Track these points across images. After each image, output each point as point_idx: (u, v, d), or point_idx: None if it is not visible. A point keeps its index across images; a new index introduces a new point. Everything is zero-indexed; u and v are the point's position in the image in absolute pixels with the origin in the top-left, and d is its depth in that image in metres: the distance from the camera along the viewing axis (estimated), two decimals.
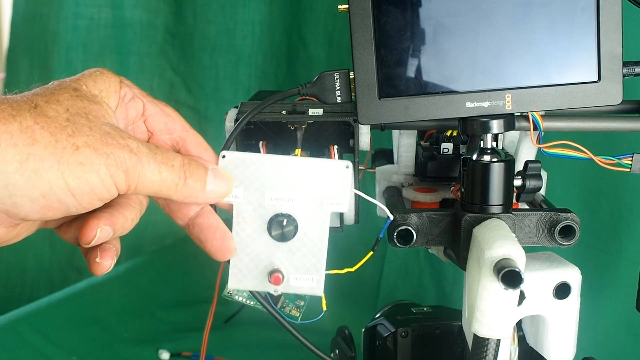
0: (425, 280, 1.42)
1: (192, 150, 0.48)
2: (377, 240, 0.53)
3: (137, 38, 1.65)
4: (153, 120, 0.48)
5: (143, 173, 0.41)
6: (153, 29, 1.65)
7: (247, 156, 0.48)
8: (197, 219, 0.48)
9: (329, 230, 0.62)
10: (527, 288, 0.54)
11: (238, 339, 1.26)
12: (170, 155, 0.43)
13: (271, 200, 0.48)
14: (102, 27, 1.63)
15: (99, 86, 0.44)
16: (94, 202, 0.41)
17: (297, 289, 0.49)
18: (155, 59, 1.68)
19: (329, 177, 0.47)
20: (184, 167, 0.44)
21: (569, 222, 0.54)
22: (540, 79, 0.50)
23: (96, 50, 1.64)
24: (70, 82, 0.43)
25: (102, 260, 0.44)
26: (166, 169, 0.42)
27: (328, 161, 0.48)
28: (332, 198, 0.47)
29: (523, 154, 0.64)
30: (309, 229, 0.48)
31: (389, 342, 0.74)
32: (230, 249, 0.48)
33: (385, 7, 0.49)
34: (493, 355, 0.50)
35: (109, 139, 0.40)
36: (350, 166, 0.47)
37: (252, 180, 0.48)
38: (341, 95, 0.51)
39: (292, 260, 0.48)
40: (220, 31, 1.61)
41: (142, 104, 0.47)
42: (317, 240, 0.48)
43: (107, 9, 1.62)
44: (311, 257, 0.48)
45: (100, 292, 1.44)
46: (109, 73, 0.46)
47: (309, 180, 0.47)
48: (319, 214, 0.48)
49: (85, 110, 0.41)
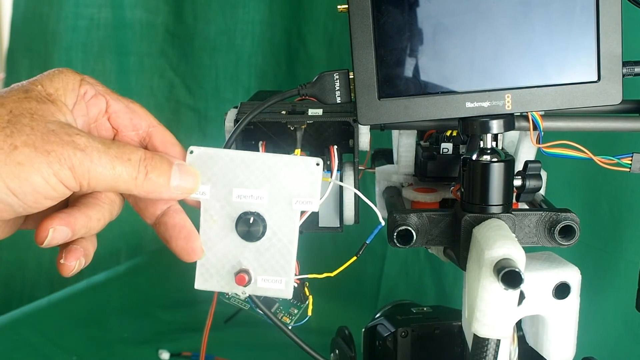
0: (425, 280, 1.42)
1: (158, 146, 0.48)
2: (363, 245, 0.53)
3: (137, 38, 1.65)
4: (117, 117, 0.47)
5: (93, 168, 0.41)
6: (153, 29, 1.65)
7: (215, 152, 0.46)
8: (164, 218, 0.47)
9: (329, 231, 0.62)
10: (526, 288, 0.54)
11: (238, 339, 1.26)
12: (128, 149, 0.43)
13: (239, 198, 0.46)
14: (102, 27, 1.63)
15: (55, 85, 0.44)
16: (41, 201, 0.40)
17: (265, 290, 0.47)
18: (155, 59, 1.67)
19: (299, 174, 0.46)
20: (145, 162, 0.43)
21: (569, 222, 0.54)
22: (540, 79, 0.50)
23: (96, 50, 1.64)
24: (26, 84, 0.43)
25: (65, 261, 0.44)
26: (121, 163, 0.42)
27: (297, 158, 0.46)
28: (301, 197, 0.46)
29: (523, 154, 0.64)
30: (279, 229, 0.46)
31: (389, 342, 0.74)
32: (195, 249, 0.46)
33: (385, 7, 0.49)
34: (493, 355, 0.50)
35: (51, 137, 0.40)
36: (320, 163, 0.46)
37: (219, 177, 0.46)
38: (341, 95, 0.51)
39: (260, 261, 0.47)
40: (220, 31, 1.61)
41: (104, 101, 0.47)
42: (286, 241, 0.46)
43: (107, 9, 1.62)
44: (280, 259, 0.47)
45: (100, 292, 1.44)
46: (69, 72, 0.46)
47: (278, 177, 0.46)
48: (288, 213, 0.46)
49: (31, 110, 0.41)
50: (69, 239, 0.43)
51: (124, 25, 1.64)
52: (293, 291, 0.47)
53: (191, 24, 1.63)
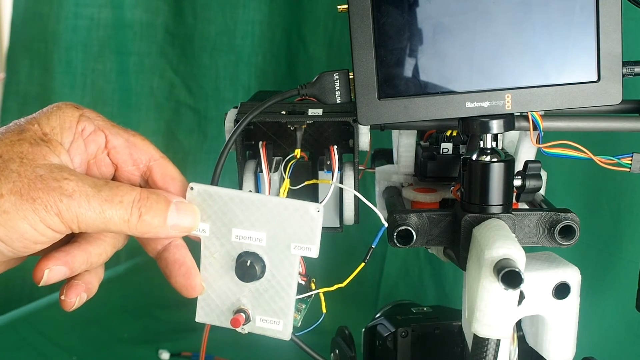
0: (425, 280, 1.42)
1: (158, 181, 0.47)
2: (369, 249, 0.53)
3: (137, 38, 1.65)
4: (117, 153, 0.46)
5: (82, 213, 0.40)
6: (153, 29, 1.65)
7: (215, 190, 0.45)
8: (164, 253, 0.46)
9: (329, 231, 0.62)
10: (526, 288, 0.54)
11: (238, 339, 1.26)
12: (121, 190, 0.42)
13: (238, 238, 0.45)
14: (102, 27, 1.63)
15: (52, 123, 0.43)
16: (30, 246, 0.40)
17: (263, 330, 0.46)
18: (155, 59, 1.67)
19: (298, 219, 0.44)
20: (138, 203, 0.42)
21: (569, 222, 0.54)
22: (540, 79, 0.50)
23: (96, 50, 1.64)
24: (24, 123, 0.43)
25: (65, 297, 0.44)
26: (111, 207, 0.41)
27: (297, 202, 0.44)
28: (300, 242, 0.44)
29: (523, 154, 0.64)
30: (277, 271, 0.45)
31: (389, 342, 0.74)
32: (195, 286, 0.46)
33: (385, 7, 0.49)
34: (493, 355, 0.50)
35: (38, 183, 0.39)
36: (321, 210, 0.44)
37: (219, 216, 0.45)
38: (341, 95, 0.51)
39: (259, 301, 0.46)
40: (220, 31, 1.62)
41: (103, 137, 0.46)
42: (284, 284, 0.45)
43: (107, 9, 1.62)
44: (279, 300, 0.46)
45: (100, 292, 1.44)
46: (68, 108, 0.45)
47: (277, 220, 0.44)
48: (287, 256, 0.45)
49: (22, 154, 0.40)
50: (68, 276, 0.43)
51: (124, 25, 1.64)
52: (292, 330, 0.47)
53: (191, 24, 1.63)
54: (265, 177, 0.57)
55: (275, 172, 0.59)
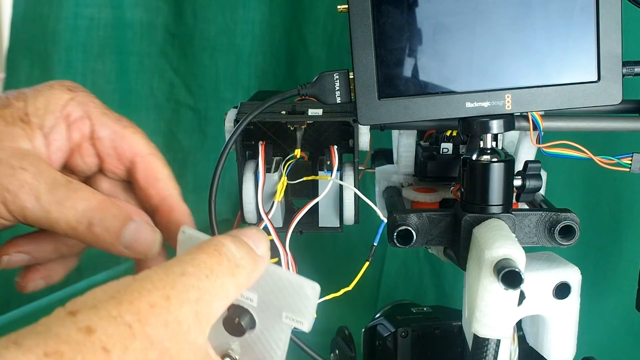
0: (425, 280, 1.42)
1: (140, 180, 0.44)
2: (372, 248, 0.53)
3: (137, 38, 1.65)
4: (101, 144, 0.44)
5: (27, 208, 0.38)
6: (153, 29, 1.65)
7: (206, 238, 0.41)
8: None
9: (330, 231, 0.62)
10: (527, 288, 0.54)
11: None
12: (78, 195, 0.39)
13: None
14: (102, 27, 1.63)
15: (38, 103, 0.41)
16: None
17: None
18: (155, 59, 1.67)
19: (293, 293, 0.40)
20: (92, 212, 0.39)
21: (569, 222, 0.54)
22: (540, 79, 0.50)
23: (96, 50, 1.64)
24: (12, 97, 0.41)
25: (20, 280, 0.43)
26: (59, 210, 0.38)
27: (293, 277, 0.40)
28: (293, 313, 0.41)
29: (523, 154, 0.64)
30: (268, 332, 0.42)
31: (389, 342, 0.74)
32: None
33: (385, 7, 0.49)
34: (493, 355, 0.50)
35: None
36: (317, 288, 0.40)
37: None
38: (341, 95, 0.51)
39: (247, 352, 0.43)
40: (220, 31, 1.61)
41: (89, 126, 0.43)
42: (274, 345, 0.42)
43: (107, 9, 1.62)
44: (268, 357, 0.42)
45: None
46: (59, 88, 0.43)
47: (271, 287, 0.41)
48: (278, 323, 0.41)
49: None
50: (32, 263, 0.42)
51: (124, 25, 1.64)
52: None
53: (191, 24, 1.63)
54: (261, 176, 0.57)
55: (276, 171, 0.59)
